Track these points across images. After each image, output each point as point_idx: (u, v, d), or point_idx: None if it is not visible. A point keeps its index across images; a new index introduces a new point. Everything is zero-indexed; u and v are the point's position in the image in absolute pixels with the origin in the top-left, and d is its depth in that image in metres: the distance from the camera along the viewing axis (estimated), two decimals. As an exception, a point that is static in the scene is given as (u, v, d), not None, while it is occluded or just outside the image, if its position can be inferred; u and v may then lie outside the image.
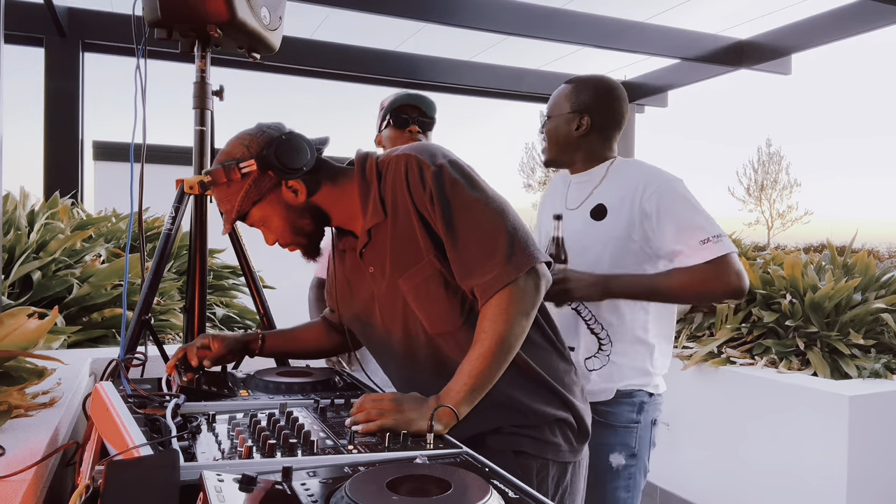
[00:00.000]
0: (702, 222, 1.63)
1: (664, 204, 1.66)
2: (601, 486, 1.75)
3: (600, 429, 1.72)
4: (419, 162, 1.29)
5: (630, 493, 1.80)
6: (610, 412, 1.76)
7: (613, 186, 1.76)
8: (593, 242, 1.74)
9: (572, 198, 1.85)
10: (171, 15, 1.80)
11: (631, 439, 1.77)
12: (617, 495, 1.78)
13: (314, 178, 1.35)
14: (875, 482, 2.61)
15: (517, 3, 5.25)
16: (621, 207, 1.70)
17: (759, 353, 3.12)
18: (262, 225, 1.38)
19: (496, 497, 0.80)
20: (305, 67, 6.11)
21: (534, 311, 1.25)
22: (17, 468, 1.11)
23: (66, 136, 5.29)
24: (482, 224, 1.25)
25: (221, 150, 1.37)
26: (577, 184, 1.85)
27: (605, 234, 1.73)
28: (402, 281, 1.31)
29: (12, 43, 5.08)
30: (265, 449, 0.95)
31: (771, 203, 31.61)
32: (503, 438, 1.32)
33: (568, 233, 1.73)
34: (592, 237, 1.75)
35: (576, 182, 1.86)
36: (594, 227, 1.75)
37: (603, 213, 1.74)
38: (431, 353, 1.34)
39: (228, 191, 1.34)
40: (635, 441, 1.77)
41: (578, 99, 1.80)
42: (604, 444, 1.75)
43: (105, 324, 2.91)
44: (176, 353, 1.51)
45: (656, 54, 6.05)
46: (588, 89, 1.81)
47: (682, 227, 1.64)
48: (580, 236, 1.76)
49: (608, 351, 1.76)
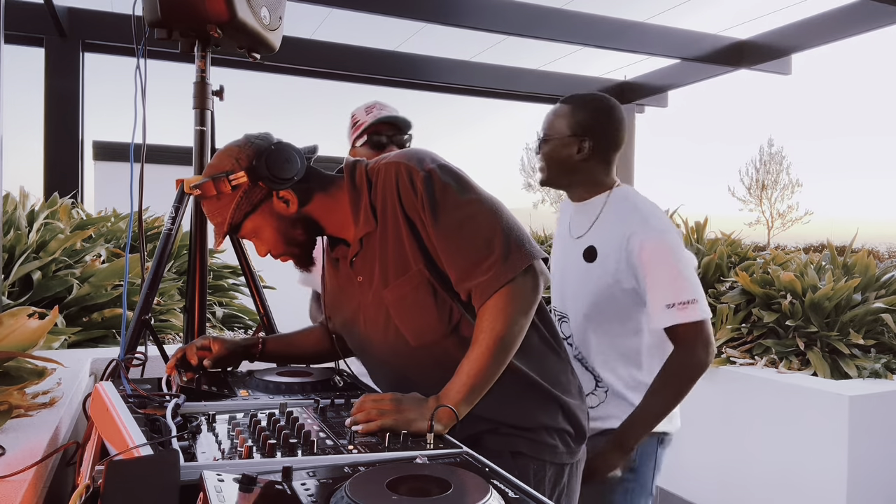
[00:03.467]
0: (681, 283, 1.58)
1: (649, 256, 1.59)
2: (597, 496, 1.70)
3: (601, 438, 1.66)
4: (409, 168, 1.28)
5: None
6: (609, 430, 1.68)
7: (606, 226, 1.70)
8: (586, 282, 1.70)
9: (575, 227, 1.79)
10: (171, 15, 1.79)
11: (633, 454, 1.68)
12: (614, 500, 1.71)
13: (305, 187, 1.34)
14: (875, 482, 2.61)
15: (517, 3, 5.26)
16: (609, 254, 1.65)
17: (759, 353, 3.12)
18: (254, 236, 1.38)
19: (496, 497, 0.80)
20: (305, 67, 6.11)
21: (532, 310, 1.25)
22: (17, 468, 1.11)
23: (66, 136, 5.29)
24: (476, 225, 1.24)
25: (209, 164, 1.37)
26: (579, 213, 1.80)
27: (595, 277, 1.68)
28: (387, 291, 1.30)
29: (12, 43, 5.08)
30: (265, 449, 0.95)
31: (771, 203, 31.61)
32: (500, 439, 1.32)
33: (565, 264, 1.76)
34: (585, 277, 1.71)
35: (577, 211, 1.81)
36: (587, 268, 1.71)
37: (594, 256, 1.70)
38: (415, 364, 1.33)
39: (219, 204, 1.33)
40: (635, 453, 1.68)
41: (577, 120, 1.72)
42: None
43: (105, 324, 2.91)
44: (175, 353, 1.51)
45: (656, 54, 6.06)
46: (588, 111, 1.72)
47: (660, 284, 1.58)
48: (574, 275, 1.74)
49: (605, 387, 1.70)
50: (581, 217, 1.78)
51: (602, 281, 1.66)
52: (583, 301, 1.71)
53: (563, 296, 1.81)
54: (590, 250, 1.70)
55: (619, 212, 1.70)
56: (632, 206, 1.69)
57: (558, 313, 1.83)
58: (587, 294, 1.70)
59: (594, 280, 1.68)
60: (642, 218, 1.64)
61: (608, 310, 1.67)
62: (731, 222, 32.02)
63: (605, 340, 1.70)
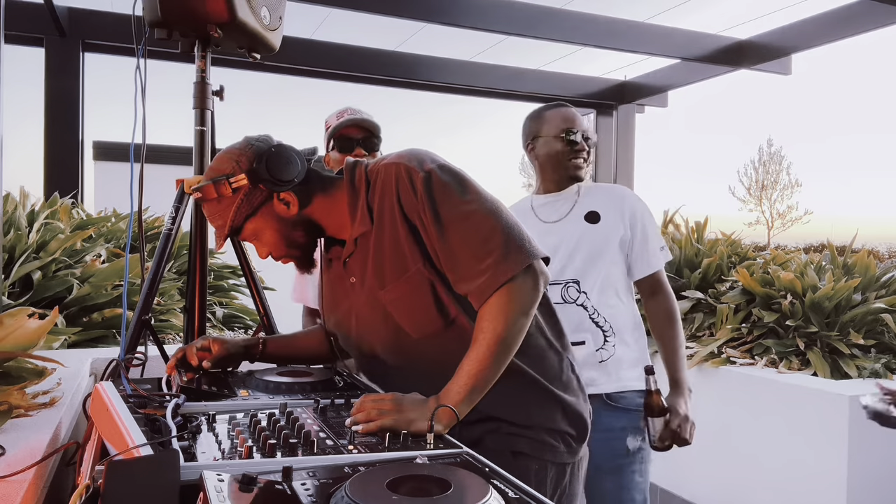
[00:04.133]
0: (659, 234, 2.05)
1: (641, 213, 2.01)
2: (618, 470, 1.91)
3: (614, 413, 1.90)
4: (408, 169, 1.28)
5: (643, 477, 1.94)
6: (621, 396, 1.92)
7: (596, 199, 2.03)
8: (592, 241, 1.96)
9: (547, 214, 2.05)
10: (171, 15, 1.79)
11: (641, 421, 1.91)
12: (633, 478, 1.91)
13: (305, 189, 1.34)
14: (875, 482, 2.61)
15: (517, 3, 5.25)
16: (609, 213, 1.99)
17: (759, 353, 3.12)
18: (254, 239, 1.38)
19: (496, 497, 0.80)
20: (305, 67, 6.10)
21: (532, 309, 1.25)
22: (17, 468, 1.11)
23: (66, 136, 5.28)
24: (476, 225, 1.24)
25: (210, 167, 1.37)
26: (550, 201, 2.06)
27: (604, 232, 1.97)
28: (384, 293, 1.30)
29: (12, 43, 5.08)
30: (265, 449, 0.95)
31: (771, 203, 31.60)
32: (501, 439, 1.32)
33: (557, 240, 1.97)
34: (591, 237, 1.97)
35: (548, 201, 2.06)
36: (592, 229, 1.98)
37: (597, 218, 1.99)
38: (415, 358, 1.33)
39: (219, 206, 1.34)
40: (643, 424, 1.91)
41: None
42: (619, 427, 1.90)
43: (105, 324, 2.91)
44: (175, 353, 1.51)
45: (656, 54, 6.05)
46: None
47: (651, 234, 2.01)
48: (578, 238, 1.97)
49: (613, 341, 1.94)
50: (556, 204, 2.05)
51: (605, 234, 1.98)
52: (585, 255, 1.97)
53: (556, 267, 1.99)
54: (592, 214, 2.00)
55: (602, 189, 2.08)
56: (608, 186, 2.13)
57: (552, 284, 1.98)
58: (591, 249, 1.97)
59: (604, 233, 1.98)
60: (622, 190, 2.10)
61: (607, 257, 1.97)
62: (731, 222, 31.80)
63: (607, 283, 1.97)
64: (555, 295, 1.94)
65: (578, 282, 1.95)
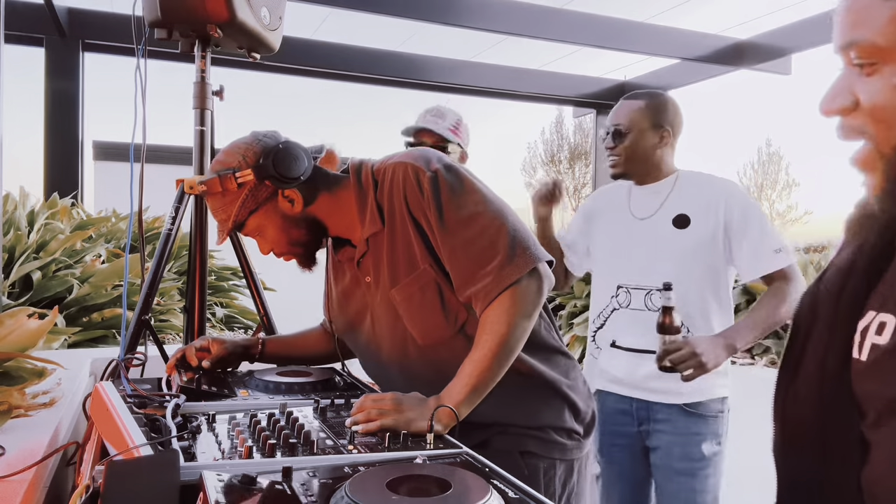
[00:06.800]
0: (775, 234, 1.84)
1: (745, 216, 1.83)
2: (693, 474, 1.90)
3: (691, 418, 1.89)
4: (415, 169, 1.28)
5: (717, 479, 1.96)
6: (699, 404, 1.90)
7: (689, 197, 1.90)
8: (680, 249, 1.86)
9: (639, 208, 1.97)
10: (171, 15, 1.79)
11: (720, 427, 1.92)
12: (708, 483, 1.93)
13: (311, 187, 1.34)
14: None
15: (517, 3, 5.25)
16: (701, 218, 1.85)
17: (759, 353, 3.12)
18: (257, 235, 1.37)
19: (496, 497, 0.79)
20: (305, 67, 6.10)
21: (536, 313, 1.25)
22: (17, 468, 1.11)
23: (66, 136, 5.28)
24: (481, 226, 1.24)
25: (216, 160, 1.36)
26: (646, 195, 1.97)
27: (692, 241, 1.86)
28: (395, 291, 1.30)
29: (12, 43, 5.07)
30: (265, 449, 0.95)
31: (770, 203, 31.61)
32: (509, 439, 1.32)
33: (645, 240, 1.90)
34: (679, 244, 1.87)
35: (643, 193, 1.97)
36: (680, 235, 1.87)
37: (686, 222, 1.87)
38: (421, 365, 1.33)
39: (224, 200, 1.33)
40: (723, 429, 1.94)
41: (657, 114, 1.94)
42: (696, 433, 1.90)
43: (105, 324, 2.92)
44: (175, 353, 1.51)
45: (656, 54, 6.05)
46: (663, 104, 1.97)
47: (758, 240, 1.82)
48: (664, 244, 1.88)
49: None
50: (649, 197, 1.96)
51: (703, 240, 1.85)
52: (678, 263, 1.86)
53: (642, 270, 1.91)
54: (681, 218, 1.88)
55: (698, 182, 1.93)
56: (708, 179, 1.93)
57: (635, 289, 1.92)
58: (685, 257, 1.86)
59: (692, 242, 1.86)
60: (728, 183, 1.92)
61: (713, 265, 1.86)
62: (731, 222, 32.01)
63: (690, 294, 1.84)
64: (637, 302, 1.90)
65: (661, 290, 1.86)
